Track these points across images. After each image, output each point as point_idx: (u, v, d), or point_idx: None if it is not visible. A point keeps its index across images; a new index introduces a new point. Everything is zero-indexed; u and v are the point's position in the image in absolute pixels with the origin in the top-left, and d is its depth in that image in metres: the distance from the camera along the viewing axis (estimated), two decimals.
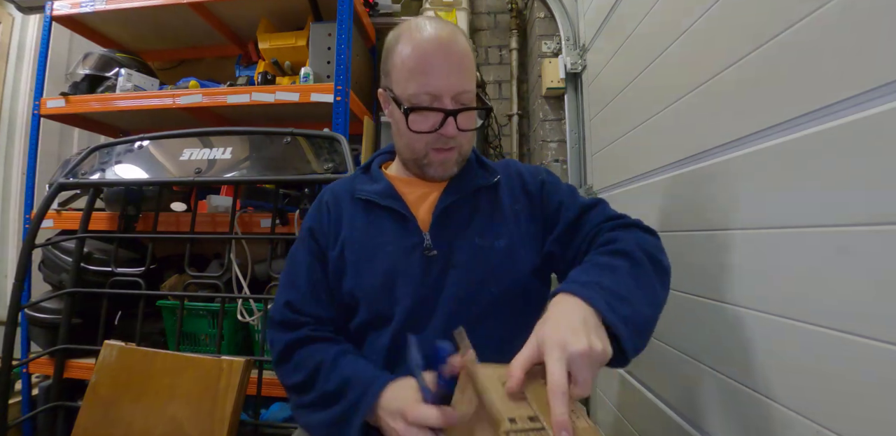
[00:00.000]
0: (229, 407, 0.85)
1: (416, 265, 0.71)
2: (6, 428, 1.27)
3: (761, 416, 0.67)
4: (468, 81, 0.71)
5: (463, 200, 0.76)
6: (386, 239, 0.74)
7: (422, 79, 0.69)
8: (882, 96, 0.49)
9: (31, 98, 1.98)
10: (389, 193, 0.77)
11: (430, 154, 0.74)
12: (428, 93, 0.69)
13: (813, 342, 0.58)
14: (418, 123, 0.71)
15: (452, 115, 0.69)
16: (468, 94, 0.71)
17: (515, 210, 0.78)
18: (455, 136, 0.71)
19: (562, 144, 1.81)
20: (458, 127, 0.70)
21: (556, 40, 1.82)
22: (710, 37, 0.83)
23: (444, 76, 0.69)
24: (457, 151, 0.74)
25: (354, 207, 0.79)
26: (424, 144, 0.73)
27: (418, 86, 0.69)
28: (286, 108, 1.60)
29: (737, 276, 0.74)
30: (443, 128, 0.70)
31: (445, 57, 0.69)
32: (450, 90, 0.69)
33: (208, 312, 1.40)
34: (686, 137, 0.92)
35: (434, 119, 0.70)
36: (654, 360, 1.07)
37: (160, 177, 1.42)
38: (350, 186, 0.82)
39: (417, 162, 0.76)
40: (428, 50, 0.69)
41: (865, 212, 0.51)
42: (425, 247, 0.72)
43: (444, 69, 0.69)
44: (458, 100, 0.70)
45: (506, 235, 0.74)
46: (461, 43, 0.71)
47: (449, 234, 0.74)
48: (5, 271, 2.08)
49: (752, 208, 0.71)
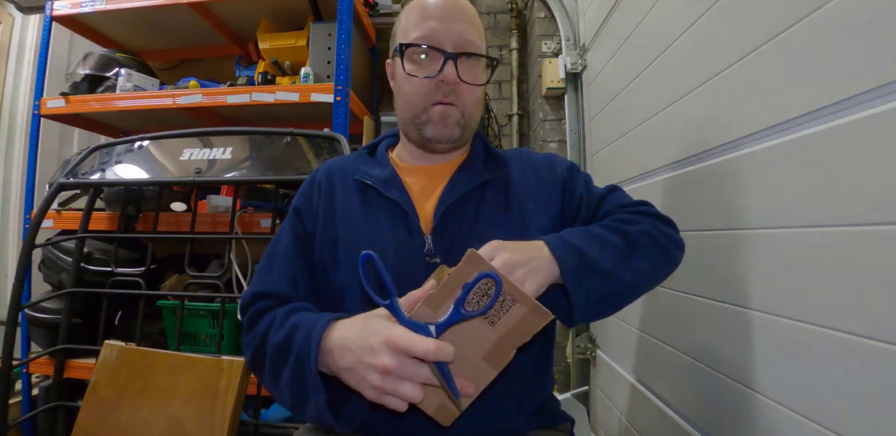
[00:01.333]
0: (229, 407, 0.85)
1: (414, 271, 0.64)
2: (6, 428, 1.27)
3: (764, 417, 0.67)
4: (473, 32, 0.67)
5: (469, 196, 0.69)
6: (383, 236, 0.67)
7: (421, 23, 0.66)
8: (882, 96, 0.49)
9: (31, 98, 1.98)
10: (394, 181, 0.70)
11: (429, 109, 0.67)
12: (427, 36, 0.65)
13: (815, 343, 0.58)
14: (417, 69, 0.66)
15: (452, 57, 0.65)
16: (473, 44, 0.67)
17: (528, 208, 0.71)
18: (456, 83, 0.65)
19: (562, 144, 1.81)
20: (461, 77, 0.65)
21: (556, 40, 1.82)
22: (711, 36, 0.83)
23: (447, 20, 0.66)
24: (459, 109, 0.68)
25: (352, 188, 0.72)
26: (423, 96, 0.67)
27: (417, 31, 0.66)
28: (286, 108, 1.60)
29: (737, 276, 0.74)
30: (442, 73, 0.65)
31: (452, 7, 0.67)
32: (451, 34, 0.65)
33: (208, 312, 1.40)
34: (686, 137, 0.91)
35: (433, 64, 0.65)
36: (658, 363, 1.07)
37: (160, 177, 1.42)
38: (351, 164, 0.75)
39: (416, 120, 0.68)
40: (433, 2, 0.67)
41: (866, 212, 0.51)
42: (426, 252, 0.65)
43: (445, 13, 0.66)
44: (462, 48, 0.66)
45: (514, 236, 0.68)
46: (469, 6, 0.70)
47: (452, 238, 0.67)
48: (5, 271, 2.08)
49: (754, 208, 0.71)
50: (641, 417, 1.15)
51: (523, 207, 0.71)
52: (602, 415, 1.46)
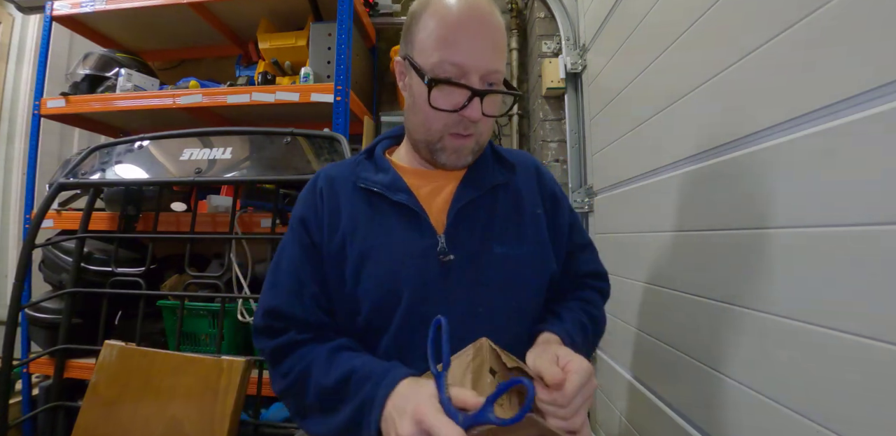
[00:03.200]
0: (229, 407, 0.85)
1: (430, 271, 0.64)
2: (6, 428, 1.27)
3: (763, 417, 0.67)
4: (500, 61, 0.63)
5: (480, 199, 0.69)
6: (395, 239, 0.66)
7: (451, 48, 0.61)
8: (882, 96, 0.49)
9: (31, 98, 1.98)
10: (399, 185, 0.69)
11: (445, 138, 0.65)
12: (455, 64, 0.61)
13: (816, 343, 0.58)
14: (440, 99, 0.62)
15: (480, 95, 0.62)
16: (498, 75, 0.63)
17: (536, 214, 0.72)
18: (478, 120, 0.63)
19: (562, 144, 1.81)
20: (483, 111, 0.63)
21: (556, 40, 1.82)
22: (711, 36, 0.83)
23: (477, 50, 0.61)
24: (475, 138, 0.66)
25: (355, 196, 0.70)
26: (443, 126, 0.65)
27: (445, 55, 0.61)
28: (286, 108, 1.60)
29: (737, 276, 0.74)
30: (466, 109, 0.62)
31: (479, 29, 0.61)
32: (480, 67, 0.61)
33: (208, 312, 1.40)
34: (687, 137, 0.91)
35: (458, 97, 0.62)
36: (657, 362, 1.07)
37: (160, 177, 1.42)
38: (351, 172, 0.73)
39: (430, 145, 0.67)
40: (463, 18, 0.61)
41: (867, 212, 0.51)
42: (440, 251, 0.64)
43: (477, 42, 0.61)
44: (487, 79, 0.62)
45: (527, 241, 0.69)
46: (498, 18, 0.63)
47: (466, 238, 0.66)
48: (5, 271, 2.08)
49: (753, 208, 0.71)
50: (641, 417, 1.15)
51: (533, 209, 0.73)
52: (602, 415, 1.46)
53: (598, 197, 1.54)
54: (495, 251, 0.67)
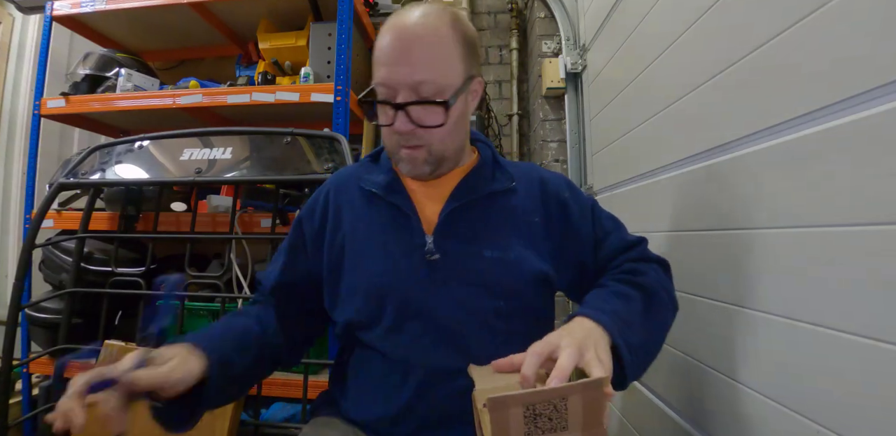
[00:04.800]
0: (229, 407, 0.85)
1: (414, 268, 0.67)
2: (6, 428, 1.27)
3: (763, 417, 0.67)
4: (429, 71, 0.62)
5: (474, 205, 0.71)
6: (386, 237, 0.70)
7: (378, 69, 0.64)
8: (882, 96, 0.49)
9: (31, 98, 1.98)
10: (395, 186, 0.72)
11: (397, 152, 0.68)
12: (381, 84, 0.63)
13: (816, 343, 0.58)
14: (379, 117, 0.67)
15: (399, 108, 0.63)
16: (428, 85, 0.62)
17: (532, 222, 0.72)
18: (409, 132, 0.64)
19: (562, 144, 1.81)
20: (415, 122, 0.63)
21: (556, 40, 1.82)
22: (711, 36, 0.83)
23: (396, 66, 0.62)
24: (425, 149, 0.67)
25: (359, 196, 0.74)
26: (390, 141, 0.68)
27: (375, 76, 0.64)
28: (286, 108, 1.60)
29: (736, 276, 0.74)
30: (394, 126, 0.64)
31: (401, 45, 0.62)
32: (402, 82, 0.62)
33: (209, 312, 1.40)
34: (687, 137, 0.91)
35: (388, 113, 0.64)
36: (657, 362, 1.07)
37: (160, 177, 1.41)
38: (355, 173, 0.78)
39: (392, 157, 0.71)
40: (387, 38, 0.63)
41: (866, 212, 0.51)
42: (427, 250, 0.67)
43: (396, 58, 0.62)
44: (418, 91, 0.63)
45: (517, 248, 0.69)
46: (430, 28, 0.63)
47: (455, 240, 0.68)
48: (5, 271, 2.08)
49: (753, 208, 0.71)
50: (640, 416, 1.15)
51: (529, 219, 0.72)
52: None
53: (598, 197, 1.54)
54: (485, 255, 0.68)
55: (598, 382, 0.47)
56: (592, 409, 0.47)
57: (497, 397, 0.45)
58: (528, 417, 0.45)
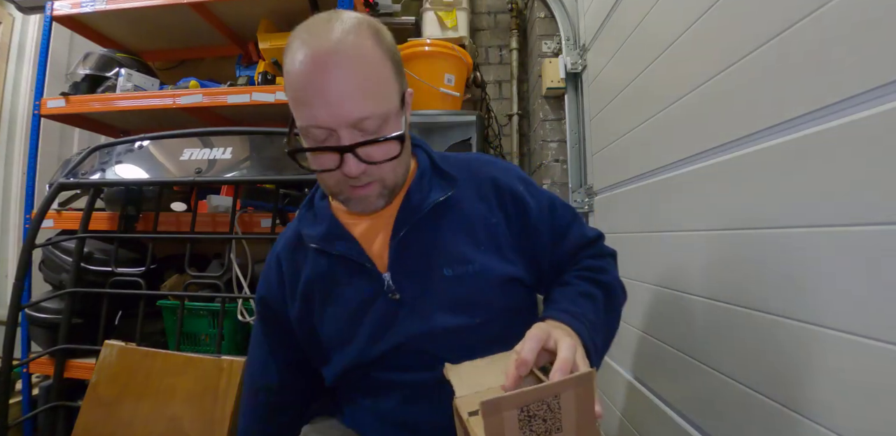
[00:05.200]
0: (229, 407, 0.85)
1: (380, 312, 0.65)
2: (6, 428, 1.27)
3: (764, 418, 0.67)
4: (371, 104, 0.55)
5: (420, 225, 0.66)
6: (344, 286, 0.67)
7: (307, 111, 0.55)
8: (882, 96, 0.49)
9: (31, 98, 1.98)
10: (337, 233, 0.67)
11: (345, 191, 0.62)
12: (317, 126, 0.55)
13: (816, 343, 0.58)
14: (319, 162, 0.59)
15: (348, 151, 0.56)
16: (371, 120, 0.56)
17: (490, 224, 0.68)
18: (359, 174, 0.58)
19: (562, 144, 1.81)
20: (366, 160, 0.57)
21: (556, 40, 1.82)
22: (711, 36, 0.83)
23: (332, 105, 0.54)
24: (378, 184, 0.61)
25: (305, 255, 0.71)
26: (335, 182, 0.61)
27: (306, 119, 0.56)
28: (286, 108, 1.59)
29: (737, 276, 0.74)
30: (343, 167, 0.57)
31: (330, 79, 0.53)
32: (342, 121, 0.55)
33: (209, 312, 1.40)
34: (687, 137, 0.91)
35: (332, 157, 0.57)
36: (657, 362, 1.07)
37: (160, 177, 1.41)
38: (298, 229, 0.72)
39: (337, 198, 0.65)
40: (308, 71, 0.54)
41: (866, 212, 0.51)
42: (387, 289, 0.65)
43: (330, 96, 0.54)
44: (361, 128, 0.56)
45: (478, 257, 0.66)
46: (360, 51, 0.55)
47: (411, 270, 0.65)
48: (5, 271, 2.08)
49: (754, 208, 0.71)
50: (640, 416, 1.15)
51: (486, 221, 0.68)
52: (606, 420, 1.46)
53: (598, 197, 1.54)
54: (445, 275, 0.65)
55: (588, 375, 0.46)
56: (585, 407, 0.46)
57: (490, 401, 0.42)
58: (522, 420, 0.44)
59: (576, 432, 0.46)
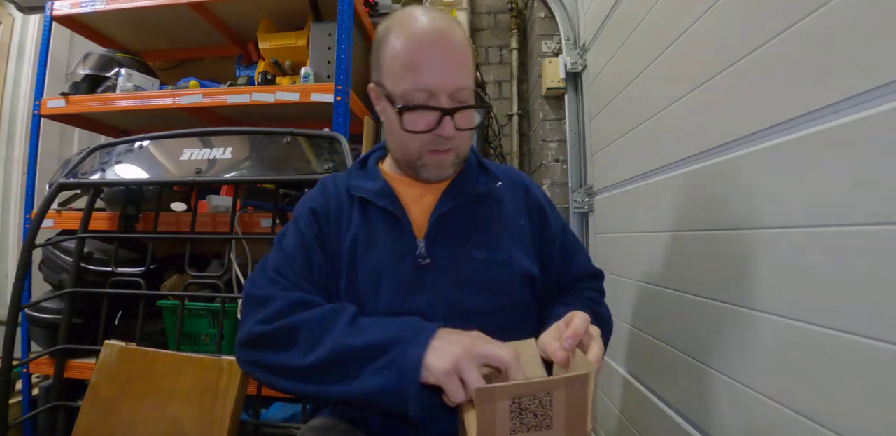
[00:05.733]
0: (229, 407, 0.85)
1: (406, 272, 0.68)
2: (6, 428, 1.27)
3: (762, 417, 0.67)
4: (466, 78, 0.67)
5: (462, 207, 0.73)
6: (379, 240, 0.71)
7: (416, 75, 0.64)
8: (882, 96, 0.49)
9: (31, 98, 1.98)
10: (386, 192, 0.73)
11: (424, 155, 0.69)
12: (423, 89, 0.64)
13: (816, 343, 0.58)
14: (413, 123, 0.66)
15: (450, 114, 0.65)
16: (466, 91, 0.66)
17: (519, 224, 0.75)
18: (453, 136, 0.67)
19: (562, 144, 1.81)
20: (456, 126, 0.66)
21: (557, 40, 1.82)
22: (711, 36, 0.83)
23: (441, 72, 0.64)
24: (454, 152, 0.70)
25: (350, 203, 0.75)
26: (419, 145, 0.68)
27: (412, 82, 0.64)
28: (286, 108, 1.60)
29: (735, 276, 0.74)
30: (439, 128, 0.66)
31: (441, 51, 0.64)
32: (446, 87, 0.64)
33: (209, 312, 1.40)
34: (686, 137, 0.91)
35: (430, 118, 0.66)
36: (656, 362, 1.07)
37: (160, 177, 1.41)
38: (346, 181, 0.78)
39: (411, 163, 0.72)
40: (423, 43, 0.64)
41: (865, 213, 0.51)
42: (418, 254, 0.69)
43: (439, 64, 0.64)
44: (456, 97, 0.66)
45: (506, 249, 0.72)
46: (458, 35, 0.66)
47: (445, 243, 0.70)
48: (5, 271, 2.08)
49: (752, 208, 0.71)
50: (639, 415, 1.15)
51: (516, 221, 0.75)
52: (600, 413, 1.46)
53: (598, 197, 1.54)
54: (474, 256, 0.70)
55: (584, 377, 0.47)
56: (576, 406, 0.47)
57: (484, 388, 0.45)
58: (513, 411, 0.46)
59: (565, 430, 0.47)
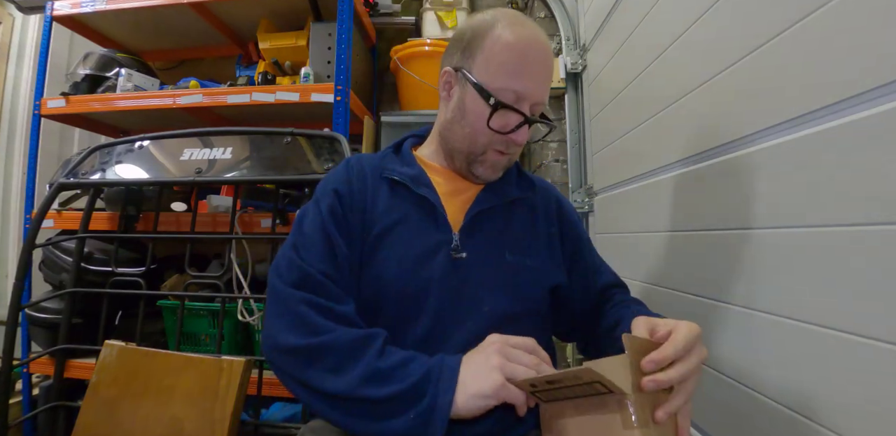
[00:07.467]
0: (229, 407, 0.85)
1: (440, 265, 0.66)
2: (6, 428, 1.27)
3: (762, 416, 0.67)
4: (548, 93, 0.71)
5: (499, 208, 0.73)
6: (411, 228, 0.68)
7: (518, 77, 0.66)
8: (882, 96, 0.49)
9: (31, 98, 1.97)
10: (424, 180, 0.72)
11: (488, 152, 0.70)
12: (515, 91, 0.66)
13: (816, 343, 0.58)
14: (495, 121, 0.67)
15: (530, 123, 0.68)
16: (543, 106, 0.70)
17: (551, 233, 0.76)
18: (522, 144, 0.70)
19: (562, 144, 1.81)
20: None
21: (557, 40, 1.82)
22: (711, 36, 0.83)
23: (539, 82, 0.67)
24: (509, 156, 0.72)
25: (380, 184, 0.72)
26: (488, 141, 0.69)
27: (510, 82, 0.65)
28: (286, 108, 1.60)
29: (736, 276, 0.74)
30: (516, 133, 0.68)
31: (545, 63, 0.68)
32: (535, 97, 0.67)
33: (209, 312, 1.40)
34: (686, 137, 0.91)
35: (512, 121, 0.67)
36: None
37: (160, 177, 1.41)
38: (378, 162, 0.75)
39: (471, 156, 0.71)
40: (534, 48, 0.66)
41: (865, 212, 0.51)
42: (453, 247, 0.67)
43: (541, 75, 0.67)
44: (535, 109, 0.69)
45: (537, 255, 0.73)
46: (550, 50, 0.70)
47: (480, 240, 0.69)
48: (6, 271, 2.08)
49: (753, 208, 0.71)
50: None
51: (548, 230, 0.76)
52: None
53: (598, 197, 1.54)
54: (507, 258, 0.70)
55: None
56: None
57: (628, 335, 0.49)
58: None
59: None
